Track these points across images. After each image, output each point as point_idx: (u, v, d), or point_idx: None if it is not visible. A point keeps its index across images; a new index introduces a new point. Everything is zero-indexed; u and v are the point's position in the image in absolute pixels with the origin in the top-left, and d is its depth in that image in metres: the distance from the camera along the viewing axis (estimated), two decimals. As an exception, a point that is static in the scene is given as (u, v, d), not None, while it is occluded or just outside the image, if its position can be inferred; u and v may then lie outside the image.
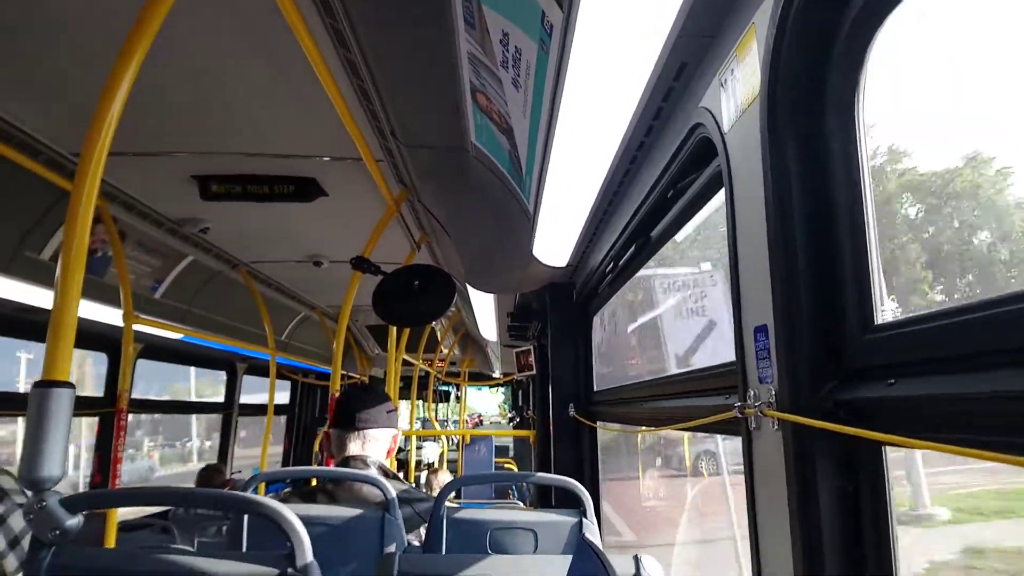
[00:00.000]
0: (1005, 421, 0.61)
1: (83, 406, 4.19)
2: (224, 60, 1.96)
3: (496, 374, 10.77)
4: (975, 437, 0.63)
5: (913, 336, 0.75)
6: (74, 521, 1.07)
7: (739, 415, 1.06)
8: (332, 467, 1.96)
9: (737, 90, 1.07)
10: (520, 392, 10.96)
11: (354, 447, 1.89)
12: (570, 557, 1.36)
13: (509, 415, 12.88)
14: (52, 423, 1.11)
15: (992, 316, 0.63)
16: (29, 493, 1.08)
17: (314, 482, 2.01)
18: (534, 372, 4.82)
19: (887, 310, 0.85)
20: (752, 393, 1.03)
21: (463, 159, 2.44)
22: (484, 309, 4.83)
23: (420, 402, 9.50)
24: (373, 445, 1.92)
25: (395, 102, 2.10)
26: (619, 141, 1.62)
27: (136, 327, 3.41)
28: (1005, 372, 0.60)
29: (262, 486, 4.63)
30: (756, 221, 1.00)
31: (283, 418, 7.59)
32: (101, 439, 4.31)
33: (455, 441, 9.39)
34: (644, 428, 2.52)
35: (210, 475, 4.73)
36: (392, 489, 1.74)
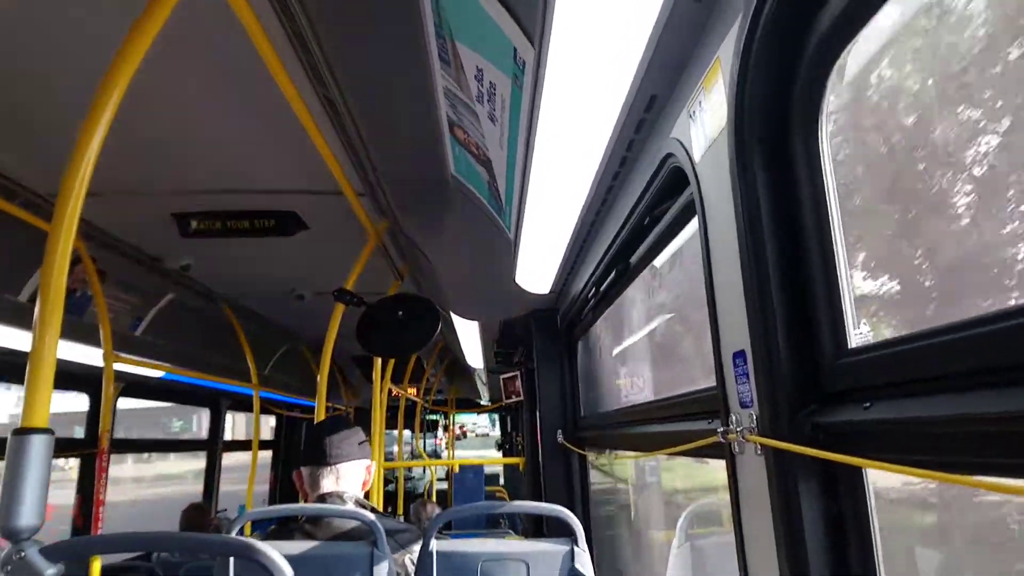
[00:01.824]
0: (979, 443, 0.62)
1: (64, 448, 4.09)
2: (203, 98, 1.97)
3: (484, 401, 10.71)
4: (954, 461, 0.65)
5: (885, 359, 0.76)
6: (54, 571, 1.05)
7: (722, 440, 1.07)
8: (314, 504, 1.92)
9: (706, 121, 1.09)
10: (508, 418, 10.89)
11: (328, 483, 1.84)
12: None
13: (498, 441, 12.76)
14: (30, 471, 1.09)
15: (962, 338, 0.64)
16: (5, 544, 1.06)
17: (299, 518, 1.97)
18: (521, 398, 4.80)
19: (861, 333, 0.86)
20: (734, 418, 1.04)
21: (443, 191, 2.46)
22: (469, 337, 4.82)
23: (408, 432, 9.40)
24: (347, 480, 1.86)
25: (374, 137, 2.12)
26: (594, 171, 1.64)
27: (117, 366, 3.36)
28: (977, 394, 0.61)
29: (248, 525, 4.54)
30: (729, 247, 1.01)
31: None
32: (83, 481, 4.21)
33: (444, 471, 9.29)
34: (631, 454, 2.52)
35: (194, 514, 4.62)
36: (379, 524, 1.71)
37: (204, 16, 1.57)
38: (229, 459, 6.10)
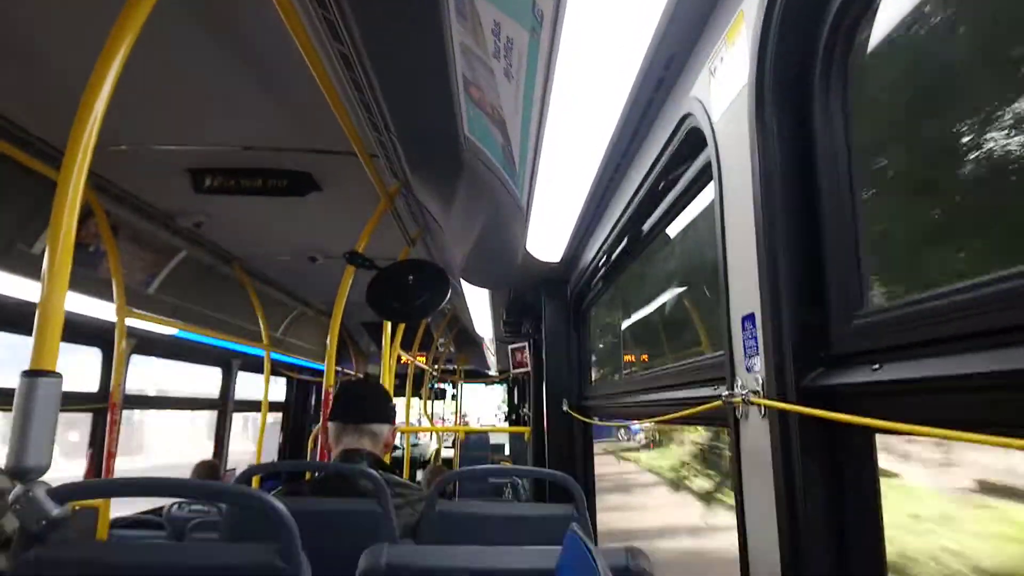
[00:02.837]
0: (991, 402, 0.61)
1: (75, 401, 4.17)
2: (218, 53, 1.95)
3: (492, 371, 10.77)
4: (960, 419, 0.63)
5: (896, 321, 0.75)
6: (61, 511, 1.06)
7: (726, 404, 1.06)
8: (327, 460, 1.96)
9: (727, 78, 1.06)
10: (516, 389, 10.95)
11: (352, 440, 1.90)
12: (559, 548, 1.36)
13: (504, 412, 12.84)
14: (39, 413, 1.10)
15: (974, 299, 0.62)
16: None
17: (307, 476, 2.00)
18: (529, 369, 4.81)
19: (875, 295, 0.84)
20: (739, 382, 1.03)
21: (456, 153, 2.42)
22: (479, 305, 4.82)
23: (416, 399, 9.49)
24: (371, 439, 1.92)
25: (389, 95, 2.09)
26: (610, 133, 1.61)
27: (129, 322, 3.40)
28: (988, 354, 0.60)
29: (256, 480, 4.62)
30: (744, 210, 0.99)
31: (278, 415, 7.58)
32: (94, 435, 4.29)
33: (451, 439, 9.39)
34: (637, 421, 2.52)
35: (205, 471, 4.73)
36: (384, 481, 1.73)
37: None
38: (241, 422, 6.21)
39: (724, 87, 1.08)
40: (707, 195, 1.53)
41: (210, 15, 1.75)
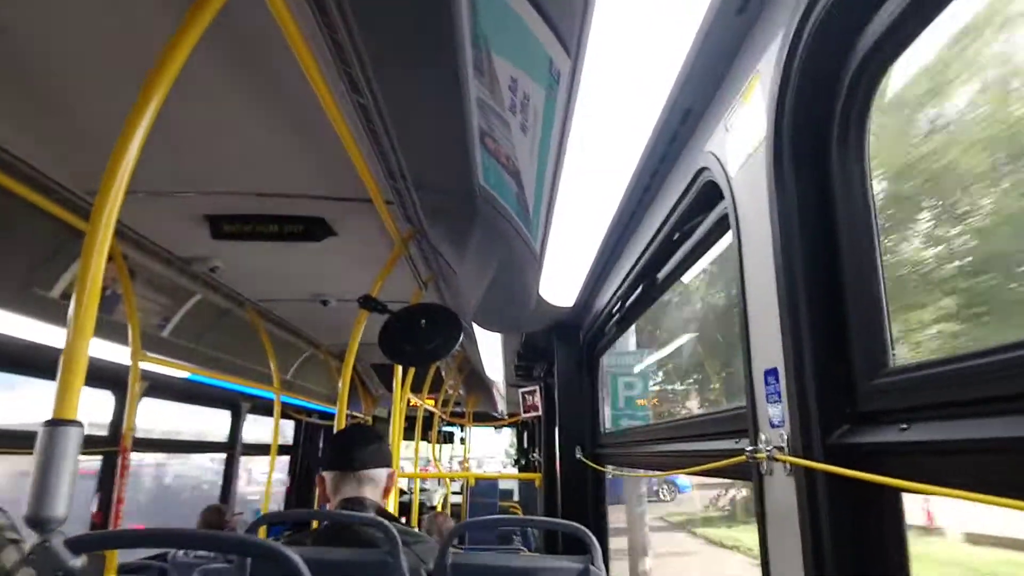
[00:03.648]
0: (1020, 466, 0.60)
1: (85, 444, 4.15)
2: (239, 102, 2.00)
3: (501, 414, 10.67)
4: (992, 483, 0.62)
5: (924, 380, 0.74)
6: (78, 562, 1.05)
7: (750, 460, 1.05)
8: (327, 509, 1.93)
9: (742, 135, 1.08)
10: (525, 433, 10.82)
11: (351, 489, 1.85)
12: None
13: (514, 458, 12.61)
14: (60, 462, 1.11)
15: (1004, 361, 0.62)
16: (21, 531, 1.07)
17: (314, 525, 1.97)
18: (540, 413, 4.77)
19: (899, 353, 0.84)
20: (763, 437, 1.02)
21: (471, 200, 2.46)
22: (490, 348, 4.81)
23: (424, 443, 9.39)
24: (370, 486, 1.87)
25: (406, 146, 2.14)
26: (625, 184, 1.64)
27: (143, 365, 3.41)
28: (1018, 418, 0.59)
29: (263, 529, 4.55)
30: (764, 263, 1.00)
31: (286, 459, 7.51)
32: (103, 478, 4.26)
33: (460, 484, 9.24)
34: (653, 473, 2.47)
35: (212, 516, 4.67)
36: (396, 532, 1.71)
37: (241, 20, 1.60)
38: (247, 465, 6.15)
39: (740, 142, 1.10)
40: (723, 244, 1.54)
41: (232, 65, 1.80)
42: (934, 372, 0.73)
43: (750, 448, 1.05)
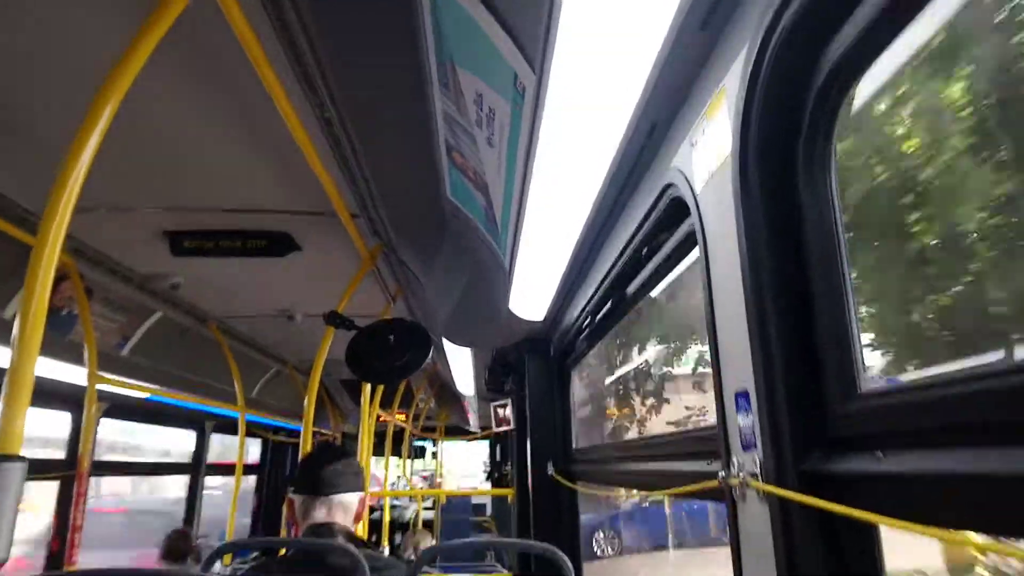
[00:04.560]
0: (1005, 504, 0.58)
1: (40, 470, 3.97)
2: (199, 115, 1.94)
3: (473, 428, 10.57)
4: (972, 519, 0.60)
5: (900, 406, 0.72)
6: None
7: (723, 484, 1.02)
8: (299, 536, 1.85)
9: (708, 151, 1.07)
10: (498, 447, 10.74)
11: (320, 514, 1.78)
12: None
13: (485, 471, 12.46)
14: (1, 501, 1.03)
15: (987, 388, 0.60)
16: None
17: (281, 550, 1.90)
18: (512, 427, 4.71)
19: (873, 376, 0.82)
20: (736, 461, 1.00)
21: (439, 214, 2.43)
22: (461, 362, 4.76)
23: (395, 458, 9.24)
24: (340, 511, 1.81)
25: (371, 158, 2.09)
26: (593, 198, 1.62)
27: (101, 385, 3.28)
28: (1004, 451, 0.57)
29: (228, 556, 4.40)
30: (732, 281, 0.98)
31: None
32: (60, 505, 4.07)
33: (431, 500, 9.12)
34: (625, 491, 2.44)
35: (176, 541, 4.50)
36: (364, 561, 1.64)
37: (200, 32, 1.55)
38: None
39: (706, 158, 1.08)
40: (692, 258, 1.53)
41: (192, 77, 1.75)
42: (908, 398, 0.71)
43: (723, 473, 1.02)
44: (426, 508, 9.22)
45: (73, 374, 3.33)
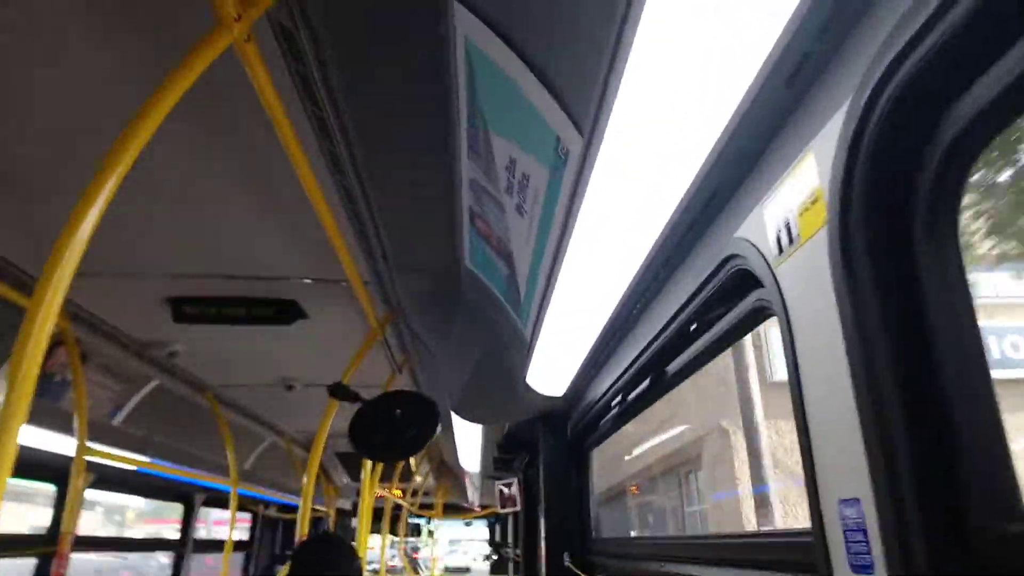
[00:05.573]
0: None
1: (16, 545, 3.64)
2: (210, 178, 1.87)
3: (471, 504, 10.09)
4: None
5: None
6: None
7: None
8: None
9: (789, 221, 0.95)
10: (499, 526, 10.21)
11: None
12: None
13: (485, 554, 11.82)
14: None
15: None
16: None
17: None
18: (519, 508, 4.46)
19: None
20: (843, 585, 0.83)
21: (455, 282, 2.32)
22: (468, 438, 4.54)
23: (392, 536, 8.79)
24: None
25: (389, 226, 2.00)
26: (635, 270, 1.50)
27: (89, 458, 3.08)
28: None
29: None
30: (831, 366, 0.84)
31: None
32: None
33: None
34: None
35: None
36: None
37: (217, 93, 1.48)
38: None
39: (786, 230, 0.97)
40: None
41: (204, 139, 1.68)
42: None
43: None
44: None
45: (61, 445, 3.13)
